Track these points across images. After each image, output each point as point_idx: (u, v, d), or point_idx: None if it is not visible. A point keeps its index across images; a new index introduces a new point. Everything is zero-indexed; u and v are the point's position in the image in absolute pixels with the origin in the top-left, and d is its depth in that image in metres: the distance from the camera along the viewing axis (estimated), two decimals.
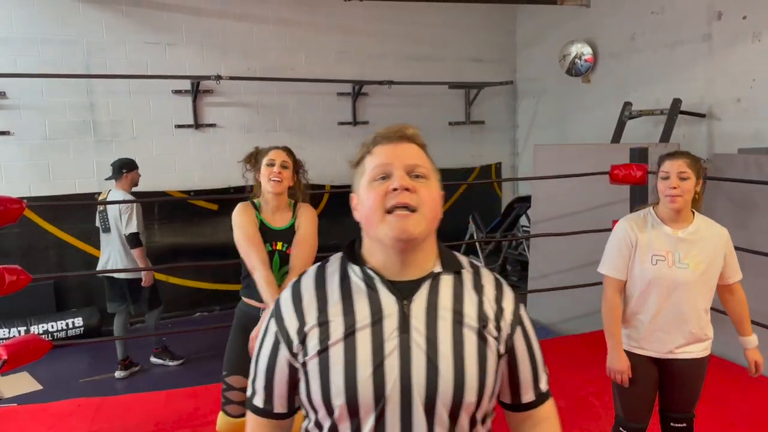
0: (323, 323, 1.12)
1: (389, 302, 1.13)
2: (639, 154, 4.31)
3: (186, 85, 5.91)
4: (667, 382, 2.46)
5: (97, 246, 5.74)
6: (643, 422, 2.47)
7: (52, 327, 5.16)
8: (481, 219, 6.80)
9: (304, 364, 1.13)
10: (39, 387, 4.43)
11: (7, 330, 5.00)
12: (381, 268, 1.15)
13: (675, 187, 2.28)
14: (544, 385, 1.26)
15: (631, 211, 2.60)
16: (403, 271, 1.15)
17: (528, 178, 6.52)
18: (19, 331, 5.00)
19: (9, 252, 5.32)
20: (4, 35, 5.27)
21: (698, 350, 2.39)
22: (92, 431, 3.32)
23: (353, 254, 1.20)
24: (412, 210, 1.10)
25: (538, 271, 5.57)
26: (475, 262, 1.27)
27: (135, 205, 4.57)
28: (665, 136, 5.07)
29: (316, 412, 1.14)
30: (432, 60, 7.07)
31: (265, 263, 2.39)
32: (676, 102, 5.12)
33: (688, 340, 2.37)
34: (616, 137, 5.59)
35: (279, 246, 2.51)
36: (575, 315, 5.07)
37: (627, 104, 5.61)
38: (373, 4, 6.66)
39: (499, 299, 1.20)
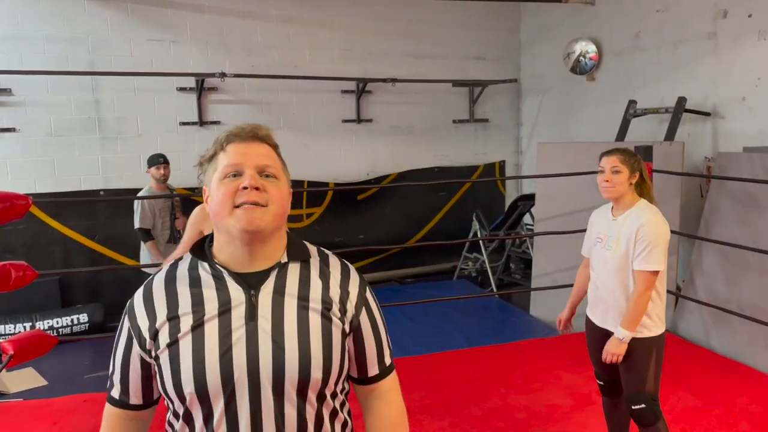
0: (173, 318, 1.18)
1: (237, 293, 1.19)
2: (644, 153, 4.30)
3: (191, 82, 5.92)
4: None
5: (101, 242, 5.80)
6: (598, 373, 2.83)
7: (57, 323, 5.19)
8: (484, 217, 6.81)
9: (156, 358, 1.19)
10: (44, 382, 4.45)
11: (12, 326, 5.02)
12: (229, 262, 1.21)
13: (607, 180, 2.59)
14: (387, 359, 1.35)
15: None
16: (252, 264, 1.21)
17: (532, 176, 6.52)
18: (24, 327, 5.02)
19: (14, 248, 5.35)
20: (10, 32, 5.28)
21: None
22: (97, 426, 3.32)
23: (202, 252, 1.25)
24: (261, 206, 1.16)
25: (542, 269, 5.57)
26: (326, 251, 1.35)
27: (141, 201, 4.72)
28: (670, 135, 5.07)
29: (172, 402, 1.20)
30: (436, 58, 7.07)
31: None
32: (681, 100, 5.11)
33: (615, 317, 2.60)
34: (621, 135, 5.59)
35: None
36: (579, 313, 5.05)
37: (632, 102, 5.61)
38: (377, 2, 6.67)
39: (344, 284, 1.28)
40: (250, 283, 1.20)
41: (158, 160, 4.82)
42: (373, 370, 1.33)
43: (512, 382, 3.90)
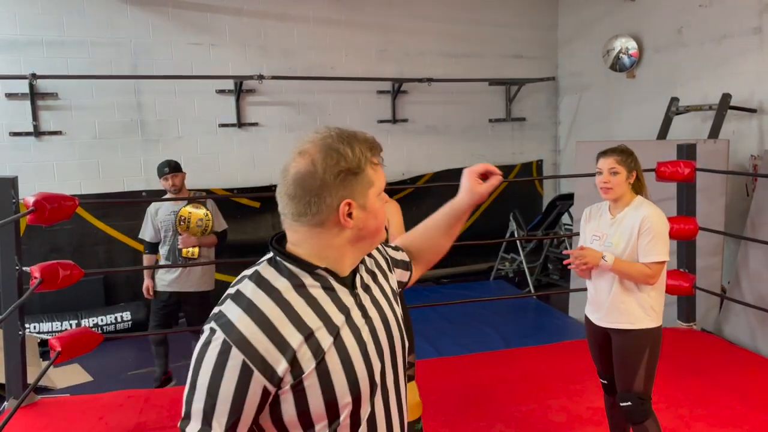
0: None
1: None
2: (687, 151, 4.21)
3: (229, 84, 6.02)
4: (610, 353, 2.71)
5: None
6: (600, 372, 2.83)
7: (102, 320, 5.34)
8: (521, 217, 6.74)
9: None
10: (90, 378, 4.59)
11: (59, 323, 5.18)
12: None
13: (606, 182, 2.62)
14: None
15: (678, 210, 2.63)
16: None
17: (569, 175, 6.43)
18: (71, 324, 5.18)
19: (60, 247, 5.52)
20: (58, 39, 5.46)
21: (623, 321, 2.59)
22: (141, 422, 3.42)
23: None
24: None
25: None
26: None
27: (147, 211, 4.31)
28: (714, 132, 4.94)
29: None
30: (472, 57, 7.03)
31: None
32: (726, 97, 4.98)
33: (611, 311, 2.61)
34: (663, 133, 5.47)
35: None
36: None
37: (674, 99, 5.48)
38: (413, 2, 6.67)
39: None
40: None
41: (164, 171, 4.13)
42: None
43: (551, 385, 3.85)
